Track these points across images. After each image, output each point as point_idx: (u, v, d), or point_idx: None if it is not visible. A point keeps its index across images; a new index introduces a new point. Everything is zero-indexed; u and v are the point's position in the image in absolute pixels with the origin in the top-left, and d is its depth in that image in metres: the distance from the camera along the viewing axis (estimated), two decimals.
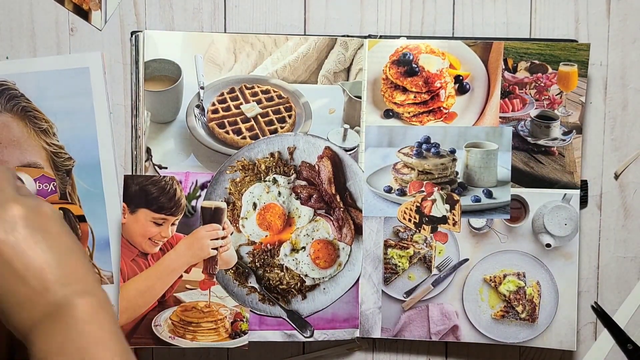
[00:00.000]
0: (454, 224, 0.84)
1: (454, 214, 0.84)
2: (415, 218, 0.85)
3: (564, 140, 0.84)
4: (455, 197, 0.84)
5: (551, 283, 0.84)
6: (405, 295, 0.86)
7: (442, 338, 0.85)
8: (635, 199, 0.87)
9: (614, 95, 0.86)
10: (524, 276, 0.84)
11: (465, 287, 0.85)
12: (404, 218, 0.85)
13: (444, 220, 0.85)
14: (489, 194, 0.85)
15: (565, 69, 0.83)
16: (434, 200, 0.84)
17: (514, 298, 0.84)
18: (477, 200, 0.85)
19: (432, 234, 0.85)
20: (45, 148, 0.84)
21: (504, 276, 0.84)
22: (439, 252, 0.85)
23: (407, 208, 0.84)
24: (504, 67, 0.83)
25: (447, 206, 0.85)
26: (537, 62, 0.83)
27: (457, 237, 0.85)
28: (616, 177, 0.86)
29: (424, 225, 0.85)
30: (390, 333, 0.86)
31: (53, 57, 0.84)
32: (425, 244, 0.85)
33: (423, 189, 0.84)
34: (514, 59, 0.83)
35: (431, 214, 0.85)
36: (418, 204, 0.85)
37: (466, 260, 0.85)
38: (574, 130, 0.84)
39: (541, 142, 0.84)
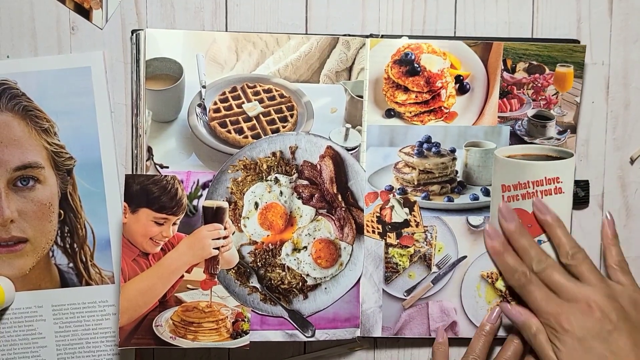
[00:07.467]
0: (416, 225, 0.85)
1: (414, 216, 0.85)
2: (378, 228, 0.85)
3: (558, 139, 0.84)
4: (412, 198, 0.85)
5: None
6: (405, 294, 0.86)
7: None
8: (637, 198, 0.88)
9: (616, 94, 0.87)
10: None
11: (463, 283, 0.86)
12: (368, 232, 0.85)
13: (406, 224, 0.85)
14: (487, 192, 0.85)
15: (561, 69, 0.83)
16: (392, 207, 0.84)
17: (510, 293, 0.84)
18: (476, 198, 0.85)
19: (398, 240, 0.85)
20: (46, 147, 0.83)
21: (500, 272, 0.85)
22: (439, 250, 0.86)
23: (368, 221, 0.85)
24: (503, 67, 0.83)
25: (406, 209, 0.85)
26: (535, 62, 0.83)
27: (456, 234, 0.85)
28: (632, 161, 0.86)
29: (388, 233, 0.85)
30: (391, 332, 0.86)
31: (54, 56, 0.84)
32: (425, 242, 0.85)
33: (379, 198, 0.84)
34: (512, 60, 0.83)
35: (392, 220, 0.85)
36: (378, 214, 0.85)
37: (464, 257, 0.86)
38: (569, 130, 0.85)
39: (537, 141, 0.84)
